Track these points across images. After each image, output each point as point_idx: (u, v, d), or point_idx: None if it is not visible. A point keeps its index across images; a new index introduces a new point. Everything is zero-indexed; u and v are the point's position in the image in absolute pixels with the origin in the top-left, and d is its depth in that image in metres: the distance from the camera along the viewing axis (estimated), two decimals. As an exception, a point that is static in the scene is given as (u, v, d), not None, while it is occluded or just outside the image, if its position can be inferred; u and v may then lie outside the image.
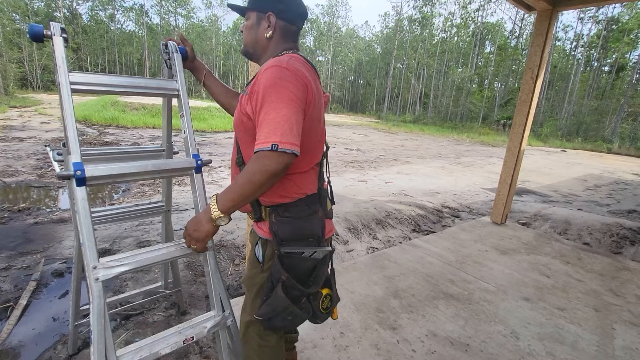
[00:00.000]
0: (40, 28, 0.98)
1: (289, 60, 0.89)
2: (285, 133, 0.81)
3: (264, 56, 1.05)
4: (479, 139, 20.90)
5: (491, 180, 7.66)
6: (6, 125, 10.38)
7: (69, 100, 0.99)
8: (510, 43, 38.19)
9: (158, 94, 1.20)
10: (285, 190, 0.99)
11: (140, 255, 1.01)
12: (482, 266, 2.90)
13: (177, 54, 1.22)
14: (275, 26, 1.00)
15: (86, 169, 0.93)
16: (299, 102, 0.85)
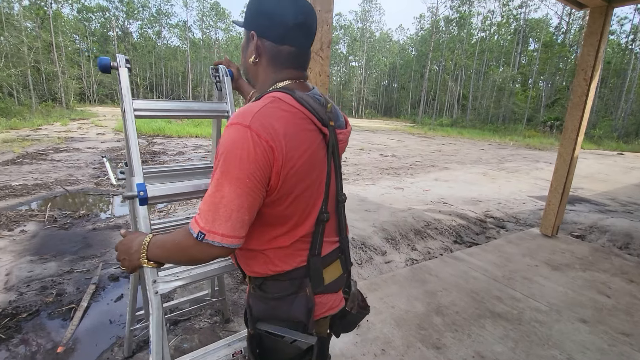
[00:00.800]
0: (108, 60, 1.07)
1: (261, 110, 0.67)
2: (217, 221, 0.65)
3: (257, 85, 0.85)
4: (524, 142, 19.67)
5: (539, 187, 7.16)
6: (67, 137, 11.49)
7: (133, 126, 1.09)
8: (556, 39, 35.69)
9: (210, 116, 1.28)
10: (257, 265, 0.80)
11: (194, 270, 1.09)
12: (532, 283, 2.71)
13: (226, 77, 1.29)
14: (258, 49, 0.77)
15: (148, 190, 1.02)
16: (252, 180, 0.65)
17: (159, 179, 1.45)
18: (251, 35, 0.76)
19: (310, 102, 0.74)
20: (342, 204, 0.88)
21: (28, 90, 23.30)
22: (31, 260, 3.04)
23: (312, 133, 0.73)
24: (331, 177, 0.80)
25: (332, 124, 0.78)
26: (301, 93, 0.75)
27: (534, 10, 37.03)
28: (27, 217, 4.05)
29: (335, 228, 0.87)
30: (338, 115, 0.85)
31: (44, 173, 6.25)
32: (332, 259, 0.85)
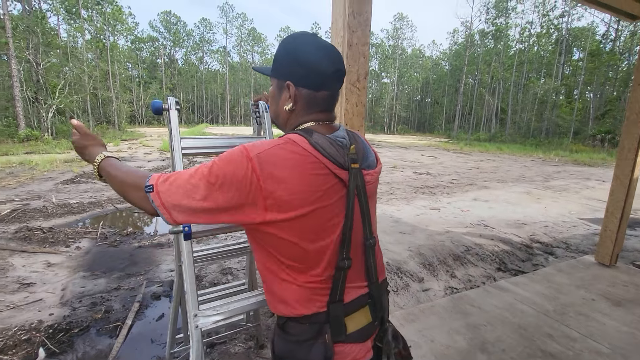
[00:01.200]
0: (160, 103, 1.17)
1: (271, 150, 0.70)
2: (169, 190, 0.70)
3: (286, 130, 0.86)
4: (571, 158, 18.33)
5: (591, 208, 6.58)
6: (119, 157, 12.41)
7: (180, 163, 1.17)
8: (604, 48, 33.49)
9: None
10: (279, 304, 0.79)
11: (233, 304, 1.13)
12: (589, 320, 2.45)
13: (266, 113, 1.33)
14: (296, 97, 0.78)
15: (192, 225, 1.07)
16: (220, 194, 0.68)
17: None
18: (287, 85, 0.78)
19: (326, 145, 0.73)
20: (372, 248, 0.83)
21: (87, 114, 25.80)
22: (84, 276, 3.27)
23: (322, 177, 0.71)
24: (353, 221, 0.76)
25: (355, 165, 0.76)
26: (319, 136, 0.74)
27: (577, 19, 35.04)
28: (82, 234, 4.39)
29: (362, 273, 0.82)
30: (367, 154, 0.83)
31: (97, 191, 6.80)
32: (358, 306, 0.80)
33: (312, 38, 0.78)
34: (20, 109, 17.42)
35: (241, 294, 1.20)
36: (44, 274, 3.27)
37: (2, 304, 2.69)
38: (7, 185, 7.03)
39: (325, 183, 0.72)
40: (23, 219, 4.88)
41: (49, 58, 20.83)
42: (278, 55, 0.80)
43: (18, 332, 2.34)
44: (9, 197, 6.05)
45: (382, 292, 0.86)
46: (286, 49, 0.78)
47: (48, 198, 6.10)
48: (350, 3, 1.55)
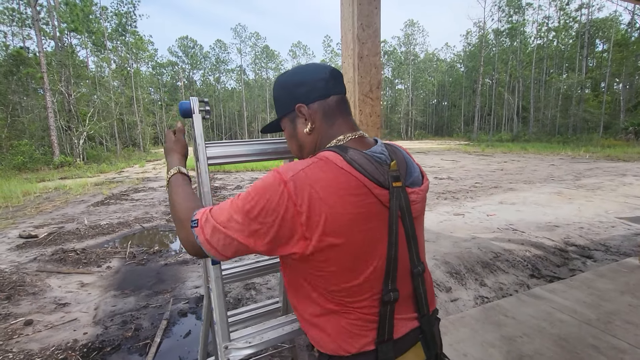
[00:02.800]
0: (189, 104, 1.00)
1: (305, 170, 0.65)
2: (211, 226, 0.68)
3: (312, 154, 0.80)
4: (603, 153, 17.39)
5: (630, 206, 6.17)
6: (144, 177, 12.97)
7: (207, 176, 1.01)
8: (630, 37, 31.97)
9: (282, 157, 1.21)
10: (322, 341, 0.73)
11: (267, 334, 1.03)
12: (639, 329, 2.26)
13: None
14: (311, 114, 0.77)
15: None
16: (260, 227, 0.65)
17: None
18: (298, 109, 0.77)
19: (363, 162, 0.67)
20: (420, 275, 0.75)
21: (114, 139, 27.15)
22: (114, 295, 3.37)
23: (361, 197, 0.65)
24: (398, 246, 0.69)
25: (398, 184, 0.70)
26: (355, 152, 0.69)
27: (598, 9, 33.74)
28: (112, 253, 4.56)
29: (411, 304, 0.75)
30: (410, 170, 0.76)
31: (125, 212, 7.07)
32: (410, 343, 0.73)
33: (294, 67, 0.82)
34: (55, 138, 18.58)
35: (275, 319, 1.10)
36: (78, 294, 3.40)
37: (41, 324, 2.81)
38: (44, 210, 7.45)
39: (364, 204, 0.65)
40: (59, 241, 5.14)
41: (79, 88, 22.23)
42: (276, 96, 0.83)
43: (55, 352, 2.43)
44: (46, 221, 6.40)
45: (433, 324, 0.78)
46: (280, 84, 0.81)
47: (81, 220, 6.40)
48: (359, 16, 1.56)
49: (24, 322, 2.83)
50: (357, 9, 1.54)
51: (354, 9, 1.56)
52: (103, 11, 29.74)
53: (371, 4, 1.58)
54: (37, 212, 7.27)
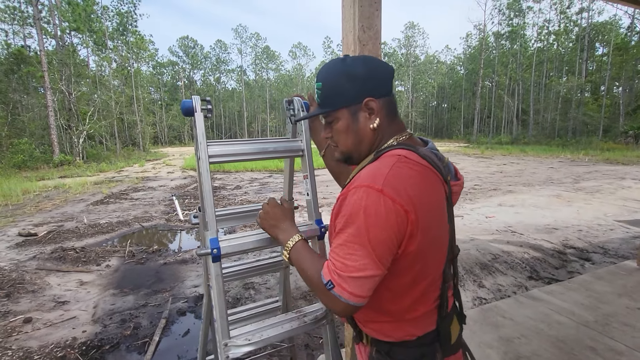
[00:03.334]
0: (191, 103, 0.98)
1: (392, 172, 0.66)
2: (346, 278, 0.65)
3: (368, 152, 0.81)
4: (602, 157, 17.43)
5: (629, 209, 6.19)
6: (144, 177, 12.96)
7: (208, 175, 0.99)
8: (630, 41, 32.06)
9: (284, 155, 1.17)
10: (387, 329, 0.77)
11: (267, 331, 1.02)
12: (636, 331, 2.28)
13: (303, 111, 1.14)
14: (379, 111, 0.76)
15: (221, 246, 0.95)
16: (382, 246, 0.64)
17: (228, 221, 1.37)
18: (367, 103, 0.74)
19: (433, 158, 0.73)
20: (456, 256, 0.84)
21: (114, 138, 27.13)
22: (113, 294, 3.38)
23: (439, 191, 0.71)
24: (454, 233, 0.79)
25: (448, 177, 0.78)
26: (422, 149, 0.73)
27: (598, 13, 33.82)
28: (111, 252, 4.56)
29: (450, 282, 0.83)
30: (450, 167, 0.84)
31: (125, 211, 7.07)
32: (452, 314, 0.80)
33: (352, 58, 0.77)
34: (55, 136, 18.57)
35: (275, 317, 1.09)
36: (77, 292, 3.40)
37: (40, 322, 2.82)
38: (44, 208, 7.45)
39: (442, 195, 0.73)
40: (58, 239, 5.14)
41: (79, 87, 22.24)
42: (334, 84, 0.76)
43: (54, 349, 2.43)
44: (46, 219, 6.40)
45: (460, 294, 0.88)
46: (343, 73, 0.75)
47: (80, 219, 6.40)
48: (360, 18, 1.57)
49: (23, 320, 2.83)
50: (358, 10, 1.56)
51: (355, 10, 1.57)
52: (104, 10, 29.76)
53: (372, 5, 1.59)
54: (36, 210, 7.27)
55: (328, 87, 0.77)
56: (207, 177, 0.98)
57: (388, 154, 0.72)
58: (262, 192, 9.18)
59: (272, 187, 10.04)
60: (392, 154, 0.71)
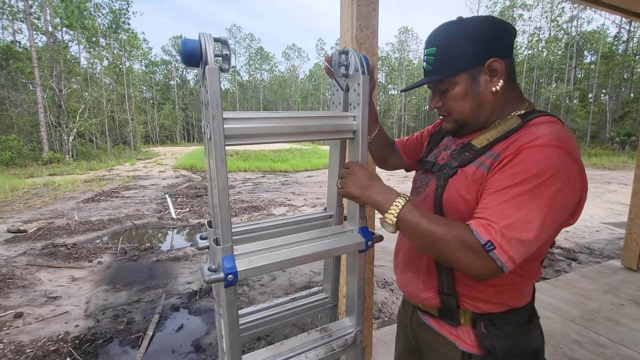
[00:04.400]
0: (197, 45, 0.59)
1: (570, 140, 0.63)
2: (513, 241, 0.58)
3: (486, 120, 0.75)
4: (590, 162, 17.84)
5: (614, 212, 6.37)
6: (135, 175, 12.82)
7: (223, 167, 0.63)
8: (616, 50, 32.94)
9: (329, 137, 0.82)
10: (508, 298, 0.74)
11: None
12: (618, 325, 2.36)
13: (363, 74, 0.75)
14: (502, 72, 0.70)
15: (239, 268, 0.67)
16: (562, 213, 0.61)
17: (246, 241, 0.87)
18: (491, 64, 0.69)
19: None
20: None
21: (104, 136, 26.77)
22: (106, 290, 3.36)
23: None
24: None
25: None
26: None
27: (587, 22, 34.67)
28: (103, 249, 4.52)
29: None
30: None
31: (116, 209, 7.00)
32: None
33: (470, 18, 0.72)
34: (44, 133, 18.25)
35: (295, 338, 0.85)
36: (69, 288, 3.37)
37: (31, 317, 2.79)
38: (33, 205, 7.33)
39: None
40: (48, 236, 5.07)
41: (70, 84, 21.90)
42: (453, 45, 0.71)
43: (47, 343, 2.41)
44: (35, 216, 6.30)
45: None
46: (462, 34, 0.70)
47: (71, 216, 6.32)
48: (358, 17, 1.63)
49: (14, 315, 2.80)
50: (356, 10, 1.61)
51: (353, 9, 1.62)
52: (97, 8, 29.41)
53: (370, 5, 1.65)
54: (25, 207, 7.15)
55: (444, 50, 0.71)
56: (222, 169, 0.63)
57: (546, 119, 0.68)
58: (255, 191, 9.18)
59: (265, 187, 10.04)
60: (551, 120, 0.68)
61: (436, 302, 0.79)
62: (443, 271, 0.77)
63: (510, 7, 38.83)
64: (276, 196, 8.38)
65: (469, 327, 0.76)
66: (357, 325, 0.88)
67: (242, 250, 0.72)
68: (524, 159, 0.61)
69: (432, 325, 0.84)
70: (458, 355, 0.77)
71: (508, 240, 0.58)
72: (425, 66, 0.76)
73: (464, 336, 0.77)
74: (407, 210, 0.67)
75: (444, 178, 0.75)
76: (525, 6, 38.19)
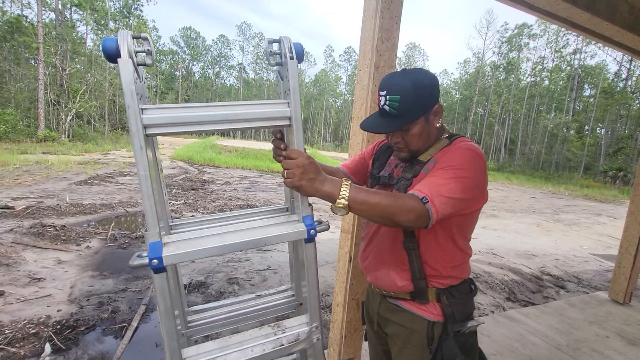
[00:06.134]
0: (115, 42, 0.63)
1: (479, 149, 0.93)
2: (437, 197, 0.81)
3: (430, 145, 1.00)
4: (581, 193, 18.11)
5: (603, 244, 6.46)
6: (131, 162, 12.70)
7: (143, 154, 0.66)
8: (616, 86, 33.72)
9: (263, 125, 0.79)
10: (459, 272, 1.01)
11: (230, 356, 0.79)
12: (603, 357, 2.38)
13: (291, 59, 0.75)
14: (440, 112, 0.97)
15: (165, 254, 0.68)
16: (470, 193, 0.86)
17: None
18: (436, 108, 0.95)
19: None
20: None
21: (103, 120, 26.51)
22: (92, 276, 3.29)
23: None
24: None
25: None
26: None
27: (590, 57, 35.47)
28: (92, 234, 4.45)
29: None
30: None
31: (109, 194, 6.91)
32: None
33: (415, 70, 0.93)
34: (42, 111, 18.02)
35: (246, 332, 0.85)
36: (54, 270, 3.30)
37: (13, 297, 2.73)
38: (23, 182, 7.20)
39: None
40: (37, 215, 4.98)
41: (74, 64, 21.71)
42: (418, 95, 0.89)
43: (27, 326, 2.35)
44: (25, 194, 6.18)
45: None
46: (423, 85, 0.90)
47: (62, 197, 6.21)
48: (380, 29, 1.64)
49: (-4, 293, 2.73)
50: (379, 22, 1.62)
51: (376, 21, 1.64)
52: (109, -9, 29.30)
53: (392, 19, 1.67)
54: (15, 183, 7.02)
55: (407, 100, 0.89)
56: (141, 157, 0.66)
57: (466, 139, 0.97)
58: (251, 190, 9.13)
59: (262, 186, 10.00)
60: (465, 139, 0.97)
61: (410, 287, 0.99)
62: (414, 262, 0.97)
63: (518, 35, 39.59)
64: (272, 197, 8.34)
65: (434, 302, 0.98)
66: (312, 321, 0.88)
67: (175, 239, 0.74)
68: (450, 155, 0.90)
69: (404, 306, 1.02)
70: (424, 325, 0.98)
71: (436, 196, 0.81)
72: (389, 110, 0.91)
73: (432, 309, 0.98)
74: (355, 191, 0.79)
75: (404, 188, 0.96)
76: (531, 35, 38.96)
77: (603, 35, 2.77)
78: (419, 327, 0.99)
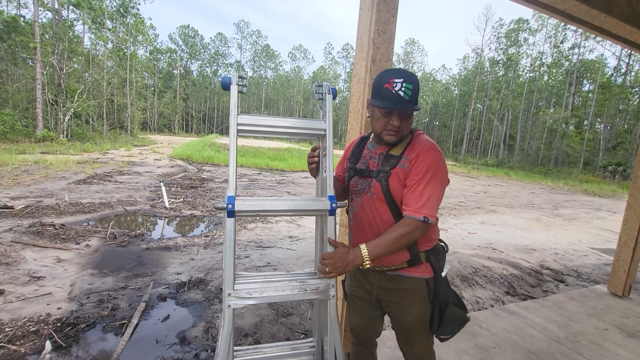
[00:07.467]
0: (229, 79, 1.14)
1: (435, 143, 1.17)
2: (433, 208, 1.09)
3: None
4: (581, 187, 18.11)
5: (603, 238, 6.47)
6: (130, 161, 12.68)
7: (234, 141, 1.13)
8: (614, 81, 33.65)
9: (309, 135, 1.26)
10: (436, 234, 1.28)
11: (267, 291, 1.12)
12: (602, 349, 2.39)
13: (329, 95, 1.23)
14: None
15: (236, 203, 1.07)
16: (446, 183, 1.15)
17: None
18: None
19: None
20: None
21: (101, 119, 26.44)
22: (92, 274, 3.29)
23: None
24: None
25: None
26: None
27: (589, 51, 35.33)
28: (92, 232, 4.45)
29: None
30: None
31: (108, 193, 6.90)
32: None
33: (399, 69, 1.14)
34: (40, 111, 17.96)
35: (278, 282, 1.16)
36: (54, 269, 3.30)
37: (13, 295, 2.73)
38: (22, 182, 7.19)
39: None
40: (36, 214, 4.97)
41: (71, 64, 21.61)
42: (418, 89, 1.12)
43: (27, 323, 2.36)
44: (23, 194, 6.18)
45: None
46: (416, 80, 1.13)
47: (61, 196, 6.21)
48: (377, 22, 1.63)
49: (-5, 291, 2.73)
50: (376, 14, 1.61)
51: (372, 14, 1.63)
52: (106, -11, 29.08)
53: (389, 12, 1.65)
54: (14, 183, 7.01)
55: (416, 90, 1.09)
56: (233, 143, 1.13)
57: (421, 132, 1.23)
58: (250, 188, 9.13)
59: (260, 184, 10.00)
60: (422, 132, 1.23)
61: (407, 256, 1.22)
62: None
63: (516, 31, 39.46)
64: (271, 194, 8.34)
65: (425, 262, 1.23)
66: (329, 282, 1.19)
67: (243, 200, 1.11)
68: (421, 160, 1.12)
69: (403, 273, 1.24)
70: (423, 284, 1.24)
71: (430, 209, 1.09)
72: (404, 96, 1.08)
73: (424, 268, 1.24)
74: (372, 249, 1.10)
75: (384, 179, 1.18)
76: (530, 30, 38.84)
77: (601, 28, 2.77)
78: (418, 286, 1.24)
